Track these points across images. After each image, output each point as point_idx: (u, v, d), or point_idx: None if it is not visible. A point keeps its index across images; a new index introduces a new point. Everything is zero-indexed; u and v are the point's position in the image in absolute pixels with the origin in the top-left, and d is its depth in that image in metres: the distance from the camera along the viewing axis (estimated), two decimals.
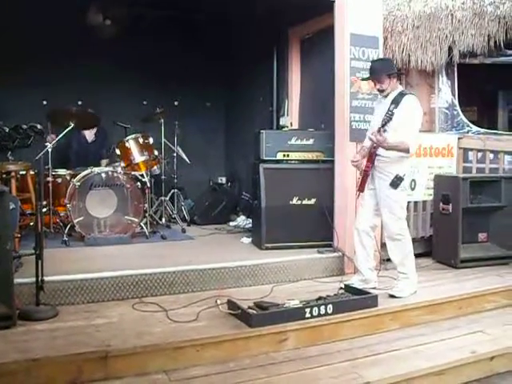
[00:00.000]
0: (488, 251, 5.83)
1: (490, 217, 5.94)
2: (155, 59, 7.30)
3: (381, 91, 4.55)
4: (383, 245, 5.45)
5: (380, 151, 4.46)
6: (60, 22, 6.54)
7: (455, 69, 7.53)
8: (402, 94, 4.50)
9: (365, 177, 4.59)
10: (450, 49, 7.23)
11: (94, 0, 7.13)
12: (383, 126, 4.29)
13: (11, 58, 6.34)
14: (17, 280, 3.87)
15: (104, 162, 6.76)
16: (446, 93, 7.58)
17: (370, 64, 4.96)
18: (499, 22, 6.97)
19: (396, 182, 4.44)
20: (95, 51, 6.94)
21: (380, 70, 4.53)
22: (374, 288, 4.69)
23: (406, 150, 4.37)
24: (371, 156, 4.51)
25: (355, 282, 4.76)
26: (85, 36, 6.97)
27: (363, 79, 5.04)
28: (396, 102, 4.43)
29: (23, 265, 4.41)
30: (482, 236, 5.94)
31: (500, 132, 7.79)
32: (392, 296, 4.52)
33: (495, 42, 7.02)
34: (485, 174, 6.30)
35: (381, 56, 5.49)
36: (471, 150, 6.54)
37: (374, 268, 4.85)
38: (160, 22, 7.35)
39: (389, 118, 4.29)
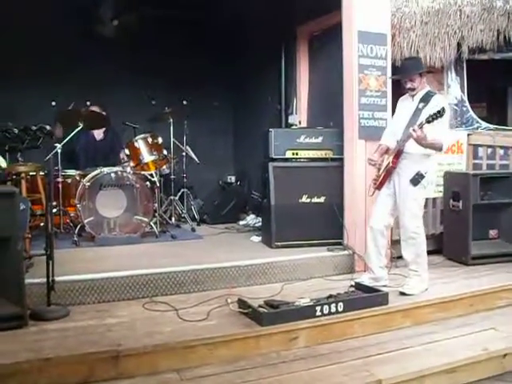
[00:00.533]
0: (499, 248, 5.80)
1: (501, 213, 5.90)
2: (163, 59, 7.31)
3: (412, 90, 4.51)
4: (394, 242, 5.46)
5: (407, 148, 4.43)
6: (68, 24, 6.59)
7: (464, 65, 7.49)
8: (429, 94, 4.50)
9: (387, 174, 4.57)
10: (459, 45, 7.19)
11: (102, 1, 7.14)
12: (428, 121, 4.15)
13: (20, 60, 6.38)
14: (28, 280, 3.88)
15: (122, 154, 6.73)
16: (455, 89, 7.54)
17: (379, 61, 4.96)
18: (508, 17, 6.94)
19: (417, 179, 4.42)
20: (103, 52, 6.96)
21: (412, 69, 4.51)
22: (385, 286, 4.67)
23: (439, 148, 4.36)
24: (399, 153, 4.48)
25: (365, 280, 4.75)
26: (93, 37, 7.00)
27: (394, 78, 4.95)
28: (425, 100, 4.43)
29: (34, 265, 4.44)
30: (492, 233, 5.91)
31: (510, 128, 7.75)
32: (402, 293, 4.51)
33: (504, 37, 6.99)
34: (495, 170, 6.27)
35: (389, 53, 5.47)
36: (481, 146, 6.50)
37: (384, 266, 4.84)
38: (168, 22, 7.35)
39: (435, 115, 4.11)
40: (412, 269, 4.61)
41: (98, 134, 7.06)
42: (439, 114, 4.09)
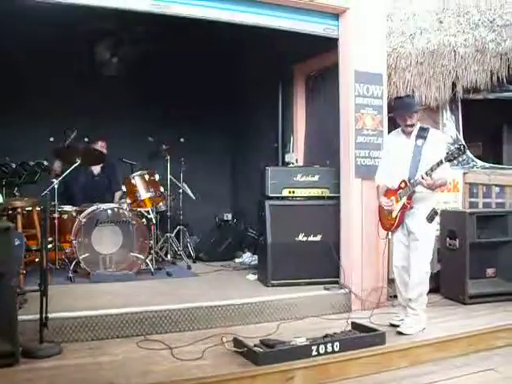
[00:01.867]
0: (497, 287, 5.77)
1: (498, 252, 5.89)
2: (161, 96, 7.38)
3: (410, 126, 4.56)
4: (390, 281, 5.43)
5: (418, 188, 4.46)
6: (67, 60, 6.66)
7: (459, 104, 7.57)
8: (424, 129, 4.59)
9: (402, 215, 4.57)
10: (454, 84, 7.27)
11: (102, 38, 7.23)
12: (432, 170, 4.25)
13: (18, 95, 6.43)
14: (21, 317, 3.85)
15: (118, 194, 6.77)
16: (450, 128, 7.59)
17: (375, 101, 5.01)
18: (501, 59, 7.05)
19: (433, 216, 4.49)
20: (102, 88, 7.03)
21: (415, 105, 4.61)
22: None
23: (445, 183, 4.53)
24: (412, 194, 4.49)
25: (405, 317, 4.67)
26: (92, 73, 7.09)
27: (393, 116, 4.88)
28: (421, 136, 4.52)
29: (28, 301, 4.39)
30: (490, 271, 5.89)
31: (505, 167, 7.79)
32: (400, 333, 4.47)
33: (498, 77, 7.09)
34: (491, 208, 6.27)
35: (385, 92, 5.54)
36: (477, 184, 6.53)
37: None
38: (166, 59, 7.44)
39: (453, 156, 4.20)
40: (412, 307, 4.58)
41: (96, 169, 7.08)
42: (461, 152, 4.16)
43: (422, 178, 4.26)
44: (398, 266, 4.70)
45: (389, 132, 5.51)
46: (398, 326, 4.61)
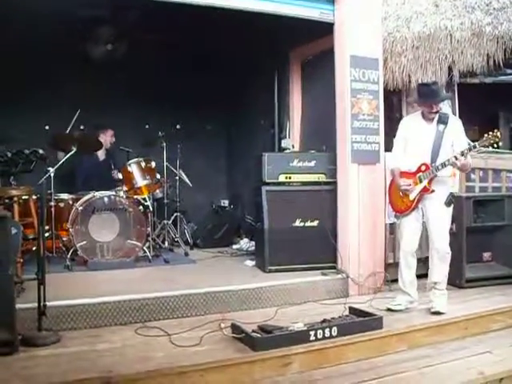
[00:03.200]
0: (493, 270, 5.79)
1: (494, 236, 5.91)
2: (157, 83, 7.34)
3: (436, 113, 4.56)
4: (388, 265, 5.45)
5: (439, 173, 4.50)
6: (61, 48, 6.59)
7: (455, 88, 7.56)
8: (444, 114, 4.63)
9: (420, 198, 4.60)
10: (450, 69, 7.28)
11: (96, 25, 7.17)
12: (463, 154, 4.31)
13: (13, 84, 6.37)
14: (19, 305, 3.85)
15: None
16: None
17: (371, 85, 5.01)
18: (497, 42, 7.04)
19: (451, 200, 4.56)
20: (97, 76, 6.98)
21: (440, 94, 4.66)
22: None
23: (469, 169, 4.65)
24: (433, 178, 4.54)
25: (403, 303, 4.75)
26: (86, 61, 7.02)
27: (421, 102, 4.70)
28: (443, 122, 4.55)
29: (25, 290, 4.39)
30: (486, 255, 5.91)
31: (501, 151, 7.79)
32: (436, 313, 4.58)
33: (494, 61, 7.08)
34: (488, 192, 6.28)
35: (381, 77, 5.52)
36: (473, 169, 6.53)
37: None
38: (161, 46, 7.40)
39: (480, 143, 4.30)
40: (438, 288, 4.67)
41: (101, 154, 7.07)
42: (497, 138, 4.22)
43: (456, 158, 4.30)
44: (407, 250, 4.71)
45: (385, 117, 5.52)
46: (395, 310, 4.67)
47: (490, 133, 4.29)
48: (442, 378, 3.73)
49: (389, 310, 4.69)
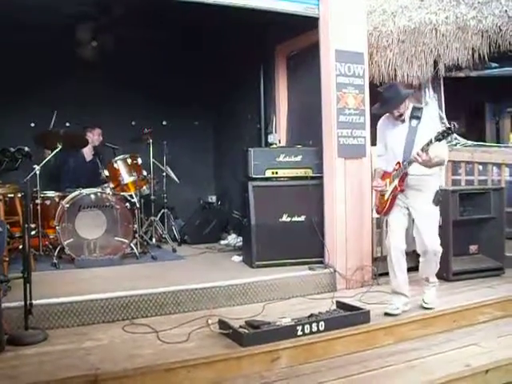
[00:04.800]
0: (479, 263, 5.83)
1: (480, 228, 5.94)
2: (143, 80, 7.30)
3: (400, 115, 4.39)
4: (375, 259, 5.47)
5: (412, 170, 4.33)
6: (46, 44, 6.54)
7: (441, 82, 7.59)
8: (418, 108, 4.46)
9: (394, 198, 4.49)
10: (436, 62, 7.29)
11: (81, 22, 7.13)
12: (439, 140, 4.03)
13: None
14: (5, 304, 3.83)
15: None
16: (433, 106, 7.61)
17: (356, 80, 5.01)
18: (482, 36, 7.06)
19: (438, 199, 4.44)
20: (83, 73, 6.95)
21: (396, 99, 4.36)
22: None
23: (442, 162, 4.39)
24: (404, 176, 4.37)
25: (400, 306, 4.54)
26: (72, 58, 6.97)
27: (379, 112, 4.66)
28: (415, 117, 4.38)
29: (12, 288, 4.36)
30: (473, 248, 5.95)
31: (488, 144, 7.85)
32: (426, 308, 4.59)
33: (479, 55, 7.10)
34: (474, 186, 6.32)
35: (366, 71, 5.52)
36: (460, 162, 6.56)
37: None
38: (147, 42, 7.36)
39: (446, 133, 4.01)
40: (431, 281, 4.68)
41: (88, 154, 7.02)
42: (450, 131, 4.01)
43: (418, 154, 4.11)
44: (398, 249, 4.52)
45: (371, 112, 5.52)
46: (393, 314, 4.48)
47: (447, 125, 4.25)
48: (429, 371, 3.75)
49: (387, 314, 4.49)
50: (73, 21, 6.86)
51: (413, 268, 4.79)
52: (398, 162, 4.39)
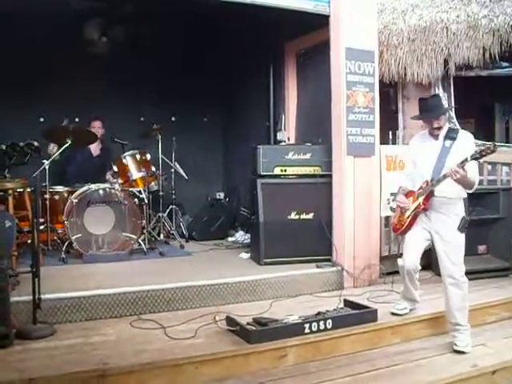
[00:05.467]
0: (488, 263, 5.81)
1: (489, 229, 5.92)
2: (152, 76, 7.32)
3: (438, 129, 4.18)
4: (383, 258, 5.47)
5: (442, 192, 4.12)
6: (56, 40, 6.55)
7: (451, 81, 7.56)
8: (453, 130, 4.28)
9: (415, 217, 4.29)
10: (446, 61, 7.26)
11: (91, 17, 7.14)
12: (476, 158, 3.83)
13: (8, 76, 6.34)
14: (13, 298, 3.85)
15: (109, 174, 6.69)
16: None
17: (366, 78, 4.98)
18: (493, 35, 7.02)
19: (464, 226, 4.17)
20: (92, 68, 6.96)
21: (440, 108, 4.25)
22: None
23: (473, 184, 4.08)
24: (430, 195, 4.17)
25: (408, 306, 4.52)
26: (82, 53, 6.99)
27: (419, 119, 4.47)
28: (450, 137, 4.17)
29: (20, 283, 4.38)
30: (481, 248, 5.93)
31: (497, 144, 7.80)
32: (459, 352, 4.07)
33: (490, 54, 7.07)
34: (483, 186, 6.29)
35: (376, 69, 5.51)
36: None
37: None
38: (157, 38, 7.37)
39: (485, 152, 3.79)
40: (459, 323, 4.14)
41: (95, 150, 7.01)
42: (489, 150, 3.78)
43: (455, 169, 3.82)
44: (409, 268, 4.29)
45: (380, 110, 5.51)
46: (399, 315, 4.44)
47: (487, 144, 3.97)
48: (436, 371, 3.75)
49: (394, 314, 4.45)
50: (82, 16, 6.88)
51: (424, 267, 4.77)
52: (427, 181, 4.19)
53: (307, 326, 3.95)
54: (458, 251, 4.21)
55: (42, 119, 7.15)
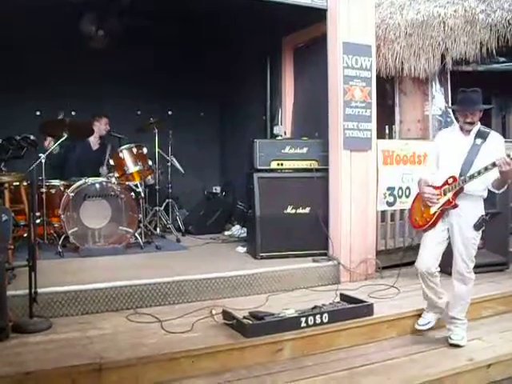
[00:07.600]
0: (484, 258, 5.80)
1: (486, 223, 5.91)
2: (149, 69, 7.30)
3: (470, 124, 4.08)
4: (379, 252, 5.48)
5: (467, 188, 4.01)
6: (53, 33, 6.53)
7: (448, 76, 7.56)
8: (484, 130, 4.15)
9: (443, 213, 4.12)
10: (443, 56, 7.27)
11: (87, 10, 7.11)
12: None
13: (4, 69, 6.31)
14: (10, 292, 3.84)
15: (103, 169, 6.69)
16: (439, 100, 7.59)
17: (363, 72, 4.97)
18: (491, 30, 7.03)
19: (481, 224, 4.08)
20: (89, 62, 6.93)
21: (478, 103, 4.13)
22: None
23: (505, 184, 4.01)
24: (459, 191, 4.02)
25: (432, 320, 4.35)
26: (78, 47, 6.95)
27: (455, 109, 4.44)
28: (481, 136, 4.07)
29: (16, 276, 4.38)
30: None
31: None
32: (455, 345, 4.09)
33: (487, 49, 7.08)
34: None
35: (374, 64, 5.51)
36: None
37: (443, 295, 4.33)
38: (153, 32, 7.34)
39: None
40: (458, 317, 4.15)
41: (95, 143, 7.00)
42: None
43: (506, 159, 3.68)
44: (425, 273, 4.16)
45: (377, 104, 5.51)
46: (420, 330, 4.34)
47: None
48: (432, 364, 3.77)
49: (419, 331, 4.33)
50: (79, 9, 6.83)
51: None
52: (453, 177, 4.05)
53: (303, 319, 3.96)
54: (471, 248, 4.11)
55: (38, 113, 7.13)
